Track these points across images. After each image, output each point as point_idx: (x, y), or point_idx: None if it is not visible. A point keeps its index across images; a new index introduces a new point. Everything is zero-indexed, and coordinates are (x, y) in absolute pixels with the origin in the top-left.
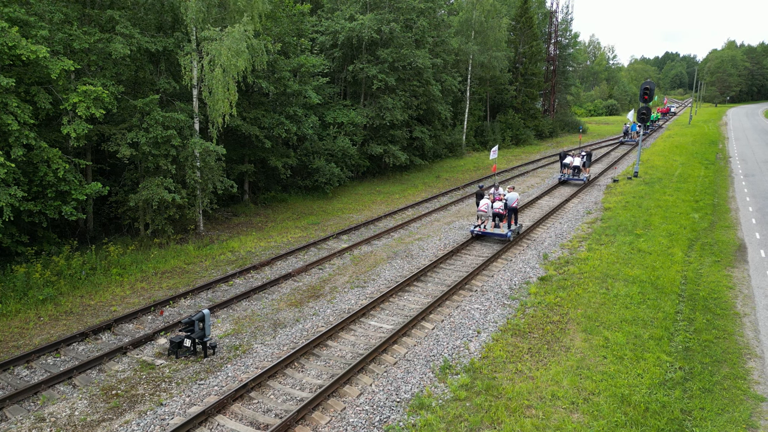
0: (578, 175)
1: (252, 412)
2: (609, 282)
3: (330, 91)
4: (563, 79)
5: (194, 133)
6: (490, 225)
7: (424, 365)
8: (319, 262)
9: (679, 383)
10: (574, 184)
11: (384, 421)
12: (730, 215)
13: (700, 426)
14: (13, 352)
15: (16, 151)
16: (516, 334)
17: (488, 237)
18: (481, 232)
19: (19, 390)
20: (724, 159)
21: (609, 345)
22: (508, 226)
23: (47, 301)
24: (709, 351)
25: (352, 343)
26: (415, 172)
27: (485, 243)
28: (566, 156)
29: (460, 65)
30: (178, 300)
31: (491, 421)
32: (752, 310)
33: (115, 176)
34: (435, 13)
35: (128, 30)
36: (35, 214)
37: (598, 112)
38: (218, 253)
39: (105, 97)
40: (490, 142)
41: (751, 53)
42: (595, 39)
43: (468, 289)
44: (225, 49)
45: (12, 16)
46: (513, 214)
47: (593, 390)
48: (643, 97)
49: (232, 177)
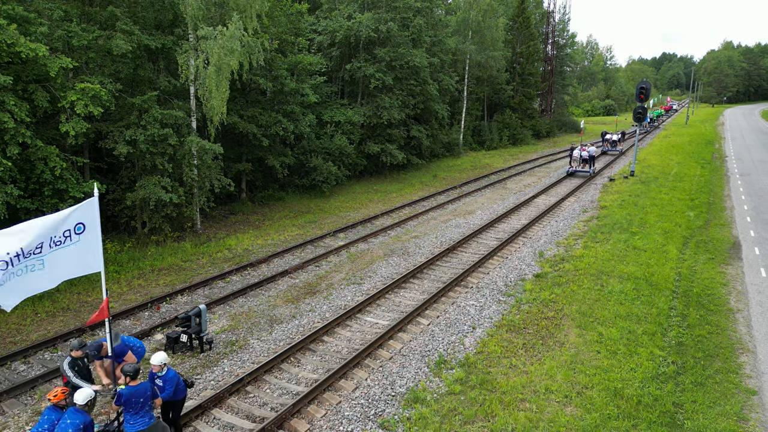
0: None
1: (248, 406)
2: (604, 279)
3: (327, 90)
4: (560, 79)
5: (192, 131)
6: (577, 167)
7: (419, 360)
8: (315, 259)
9: (671, 377)
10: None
11: (379, 415)
12: (725, 213)
13: (692, 419)
14: (10, 347)
15: (11, 150)
16: (511, 329)
17: (578, 173)
18: (574, 170)
19: (16, 384)
20: (721, 158)
21: (603, 340)
22: (590, 167)
23: (44, 297)
24: (702, 346)
25: (348, 338)
26: (412, 171)
27: (480, 241)
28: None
29: (458, 65)
30: (175, 297)
31: (485, 415)
32: (745, 306)
33: (112, 174)
34: (432, 12)
35: (129, 27)
36: (32, 213)
37: (595, 112)
38: (215, 251)
39: (103, 95)
40: (487, 141)
41: (748, 54)
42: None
43: (464, 286)
44: (218, 47)
45: (11, 14)
46: (592, 160)
47: (587, 384)
48: (639, 96)
49: (229, 175)
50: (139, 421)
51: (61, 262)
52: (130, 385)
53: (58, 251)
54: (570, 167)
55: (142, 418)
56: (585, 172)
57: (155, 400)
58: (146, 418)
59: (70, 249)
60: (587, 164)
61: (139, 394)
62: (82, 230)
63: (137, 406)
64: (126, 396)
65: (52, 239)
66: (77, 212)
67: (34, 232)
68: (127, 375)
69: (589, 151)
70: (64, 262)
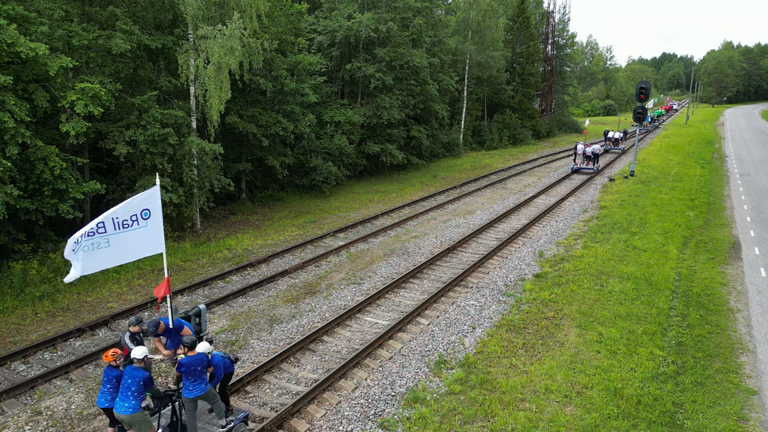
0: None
1: (248, 406)
2: (604, 279)
3: (327, 90)
4: (560, 79)
5: (192, 131)
6: (581, 164)
7: (419, 360)
8: (315, 259)
9: (671, 377)
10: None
11: (379, 415)
12: (725, 213)
13: (692, 418)
14: (10, 347)
15: (11, 149)
16: (511, 329)
17: (582, 170)
18: (578, 167)
19: (16, 384)
20: (720, 158)
21: (603, 340)
22: (594, 164)
23: (44, 297)
24: (702, 346)
25: (348, 338)
26: (412, 171)
27: (480, 241)
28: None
29: (458, 65)
30: (175, 296)
31: (485, 414)
32: (745, 306)
33: (112, 174)
34: (432, 12)
35: (128, 26)
36: (32, 212)
37: (595, 112)
38: (215, 251)
39: (103, 95)
40: (487, 141)
41: (747, 54)
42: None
43: (464, 286)
44: (218, 46)
45: (11, 14)
46: (596, 157)
47: (586, 384)
48: (639, 96)
49: (229, 176)
50: (196, 388)
51: (128, 242)
52: (188, 355)
53: (126, 233)
54: (574, 164)
55: (199, 385)
56: (589, 169)
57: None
58: (202, 384)
59: (136, 232)
60: (591, 161)
61: (196, 363)
62: (149, 216)
63: (195, 374)
64: (185, 364)
65: (115, 220)
66: (144, 200)
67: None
68: (186, 346)
69: (593, 149)
70: (130, 243)
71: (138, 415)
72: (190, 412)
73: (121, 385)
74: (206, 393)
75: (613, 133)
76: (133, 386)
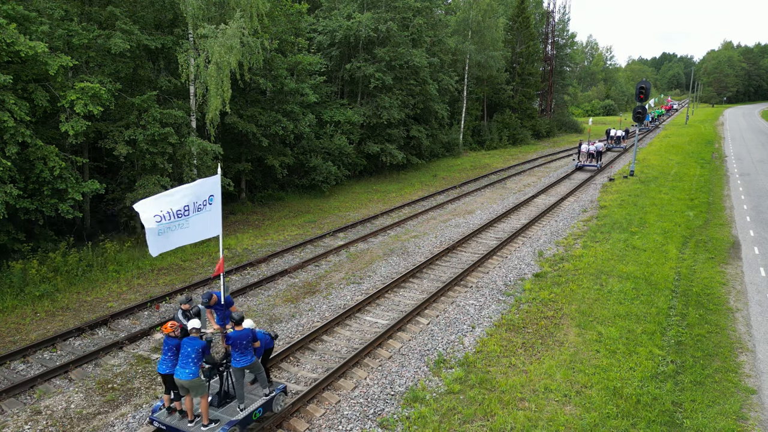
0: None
1: None
2: (603, 278)
3: (327, 89)
4: (560, 79)
5: (192, 131)
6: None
7: (418, 359)
8: (315, 259)
9: (670, 376)
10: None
11: (378, 414)
12: (724, 213)
13: (691, 417)
14: (9, 347)
15: (10, 149)
16: (510, 329)
17: (586, 167)
18: (582, 165)
19: (16, 384)
20: (720, 158)
21: (602, 339)
22: (597, 161)
23: (44, 297)
24: (701, 345)
25: (348, 337)
26: (412, 171)
27: (480, 241)
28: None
29: (458, 65)
30: (174, 296)
31: (484, 414)
32: (745, 305)
33: (111, 174)
34: (432, 12)
35: (128, 26)
36: (31, 212)
37: (595, 112)
38: (215, 250)
39: (103, 94)
40: (487, 141)
41: (747, 54)
42: (592, 40)
43: (463, 285)
44: (218, 46)
45: (10, 13)
46: (599, 155)
47: (586, 383)
48: (639, 96)
49: (229, 175)
50: (243, 359)
51: (198, 224)
52: (236, 330)
53: (199, 215)
54: (579, 162)
55: (245, 357)
56: (593, 166)
57: (254, 343)
58: (248, 356)
59: (204, 215)
60: (594, 159)
61: (243, 337)
62: (212, 201)
63: (241, 346)
64: (233, 338)
65: (195, 204)
66: (211, 186)
67: (183, 197)
68: (234, 321)
69: (597, 147)
70: (200, 225)
71: (196, 380)
72: (239, 380)
73: (181, 353)
74: (252, 364)
75: (615, 131)
76: (192, 354)
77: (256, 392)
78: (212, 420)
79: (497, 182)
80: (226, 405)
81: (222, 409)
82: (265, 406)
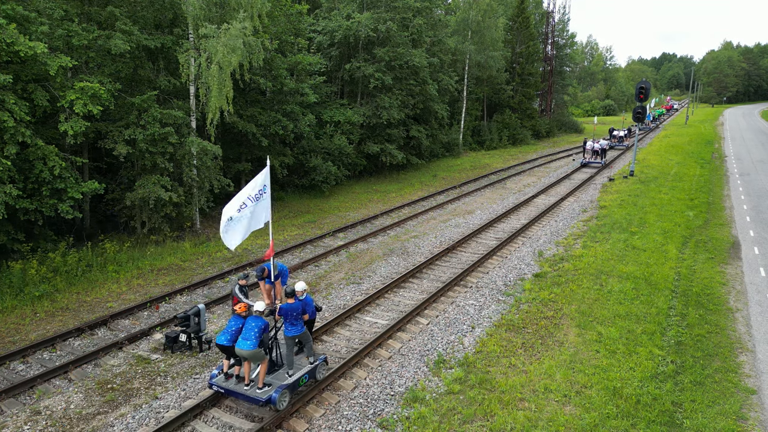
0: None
1: (246, 406)
2: (603, 278)
3: (327, 89)
4: (560, 79)
5: (191, 131)
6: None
7: (418, 359)
8: (315, 259)
9: (670, 376)
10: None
11: (378, 414)
12: (724, 213)
13: (691, 418)
14: (9, 347)
15: (9, 149)
16: (510, 329)
17: (591, 164)
18: (587, 161)
19: (15, 384)
20: (720, 158)
21: (602, 339)
22: (602, 158)
23: (43, 297)
24: (701, 345)
25: (347, 337)
26: (411, 171)
27: (480, 241)
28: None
29: (457, 65)
30: (174, 296)
31: (484, 414)
32: (745, 305)
33: (111, 174)
34: (432, 12)
35: (128, 27)
36: (31, 212)
37: (595, 112)
38: (214, 251)
39: (102, 94)
40: (487, 141)
41: (747, 54)
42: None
43: (463, 286)
44: (221, 46)
45: (10, 14)
46: (603, 152)
47: (585, 383)
48: (639, 96)
49: (229, 176)
50: (293, 329)
51: (256, 213)
52: (287, 302)
53: (257, 205)
54: (584, 159)
55: (295, 327)
56: (597, 162)
57: (303, 316)
58: (298, 326)
59: (259, 205)
60: (599, 156)
61: (293, 309)
62: (264, 192)
63: (292, 317)
64: (285, 310)
65: (254, 196)
66: (264, 178)
67: (246, 191)
68: (286, 294)
69: (601, 144)
70: (257, 214)
71: (257, 351)
72: (289, 348)
73: (245, 328)
74: (302, 333)
75: (618, 130)
76: (255, 330)
77: (299, 363)
78: (265, 384)
79: (497, 182)
80: (274, 372)
81: (271, 375)
82: (310, 373)
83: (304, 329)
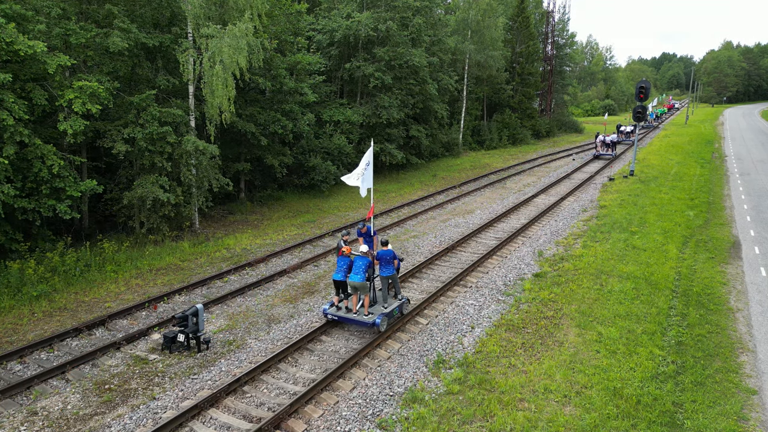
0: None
1: (245, 406)
2: (603, 278)
3: (326, 89)
4: (560, 79)
5: (190, 130)
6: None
7: (417, 360)
8: (314, 258)
9: (671, 377)
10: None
11: (377, 415)
12: (725, 213)
13: (692, 418)
14: (6, 347)
15: (8, 149)
16: (510, 329)
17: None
18: (599, 154)
19: (12, 384)
20: (720, 158)
21: (602, 339)
22: (612, 150)
23: (41, 297)
24: (702, 345)
25: (346, 338)
26: (411, 171)
27: (480, 241)
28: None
29: (457, 64)
30: (173, 296)
31: (484, 414)
32: (745, 305)
33: (110, 174)
34: (431, 12)
35: (126, 25)
36: (29, 212)
37: (595, 112)
38: (213, 251)
39: (101, 92)
40: (487, 141)
41: (747, 54)
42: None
43: (463, 285)
44: (226, 46)
45: (8, 12)
46: (614, 145)
47: (586, 383)
48: (639, 96)
49: (228, 175)
50: (387, 270)
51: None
52: (382, 249)
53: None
54: (596, 151)
55: (388, 269)
56: (608, 155)
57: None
58: (390, 269)
59: (366, 173)
60: (610, 148)
61: (386, 255)
62: (369, 165)
63: (385, 261)
64: (381, 255)
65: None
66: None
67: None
68: (381, 243)
69: (612, 138)
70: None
71: (365, 283)
72: (384, 286)
73: (354, 266)
74: (393, 275)
75: (625, 126)
76: (363, 266)
77: (390, 302)
78: (370, 312)
79: (497, 182)
80: (372, 306)
81: (370, 308)
82: (399, 308)
83: (395, 272)
